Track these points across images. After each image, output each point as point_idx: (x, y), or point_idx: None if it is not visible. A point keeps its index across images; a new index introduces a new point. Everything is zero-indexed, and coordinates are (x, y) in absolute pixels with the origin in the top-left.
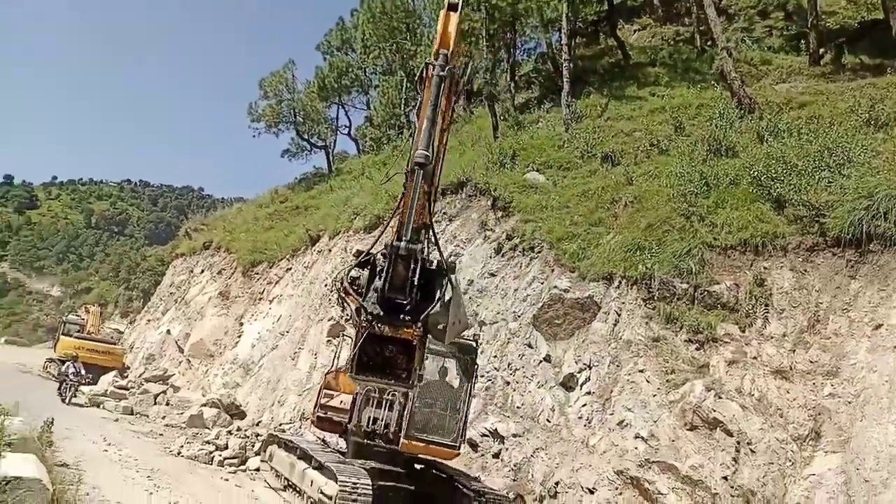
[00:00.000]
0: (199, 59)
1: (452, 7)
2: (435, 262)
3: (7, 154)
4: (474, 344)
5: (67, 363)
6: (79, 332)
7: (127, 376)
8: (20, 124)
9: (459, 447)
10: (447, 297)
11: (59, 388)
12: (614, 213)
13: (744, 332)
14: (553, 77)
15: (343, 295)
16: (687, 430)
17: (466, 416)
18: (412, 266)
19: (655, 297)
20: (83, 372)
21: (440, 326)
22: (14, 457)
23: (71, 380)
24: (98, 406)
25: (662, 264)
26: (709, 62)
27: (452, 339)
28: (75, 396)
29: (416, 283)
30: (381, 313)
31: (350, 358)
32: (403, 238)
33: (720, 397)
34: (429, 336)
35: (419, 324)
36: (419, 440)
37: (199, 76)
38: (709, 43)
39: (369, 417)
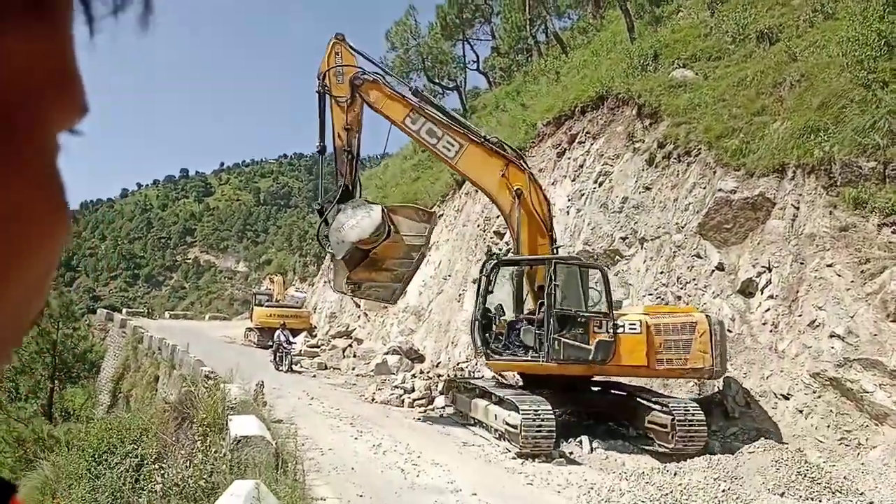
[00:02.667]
0: (322, 24)
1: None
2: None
3: (181, 150)
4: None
5: (277, 332)
6: (268, 301)
7: (315, 335)
8: (189, 118)
9: (481, 355)
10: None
11: (274, 357)
12: (779, 98)
13: None
14: None
15: None
16: (890, 321)
17: (474, 325)
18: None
19: (838, 183)
20: (292, 339)
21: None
22: (239, 419)
23: (284, 347)
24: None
25: (843, 144)
26: None
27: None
28: (294, 364)
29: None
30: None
31: None
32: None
33: None
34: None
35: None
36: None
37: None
38: None
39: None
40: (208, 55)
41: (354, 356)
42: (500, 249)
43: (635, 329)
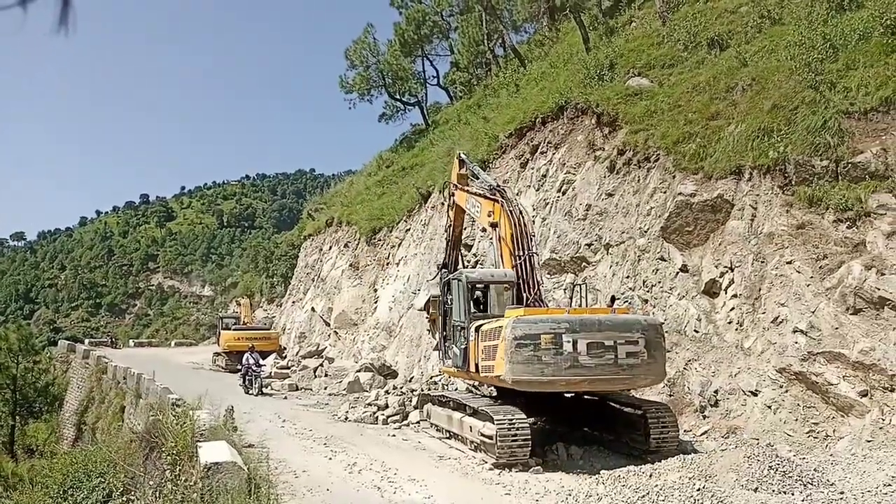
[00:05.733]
0: (287, 34)
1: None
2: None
3: (141, 176)
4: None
5: (246, 354)
6: (235, 324)
7: (285, 356)
8: (146, 146)
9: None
10: None
11: (244, 381)
12: (732, 102)
13: None
14: None
15: None
16: (850, 314)
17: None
18: None
19: (793, 182)
20: (262, 361)
21: None
22: (209, 445)
23: (254, 370)
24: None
25: (796, 144)
26: None
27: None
28: (264, 386)
29: None
30: None
31: None
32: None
33: (883, 274)
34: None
35: None
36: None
37: (291, 65)
38: None
39: None
40: (166, 76)
41: (326, 375)
42: (468, 262)
43: (470, 337)
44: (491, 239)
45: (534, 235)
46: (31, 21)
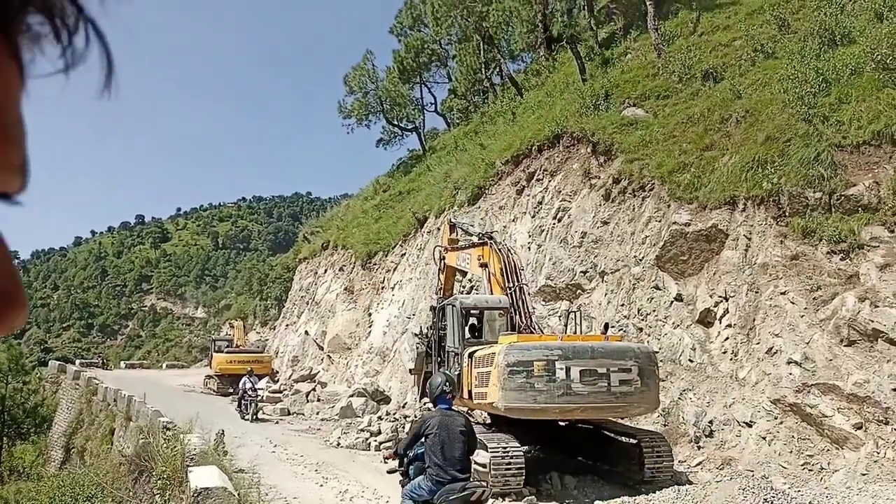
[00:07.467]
0: (279, 55)
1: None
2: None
3: (136, 196)
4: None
5: (244, 378)
6: (228, 347)
7: (278, 380)
8: (142, 167)
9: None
10: None
11: (239, 405)
12: (726, 133)
13: (893, 231)
14: (635, 2)
15: None
16: (844, 346)
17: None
18: None
19: (787, 213)
20: (258, 385)
21: None
22: (199, 470)
23: (249, 395)
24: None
25: (789, 176)
26: None
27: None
28: (259, 412)
29: None
30: None
31: None
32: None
33: (876, 306)
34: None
35: None
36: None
37: (288, 88)
38: None
39: None
40: (162, 96)
41: (318, 400)
42: (463, 287)
43: (464, 363)
44: (481, 279)
45: (523, 269)
46: (71, 85)
